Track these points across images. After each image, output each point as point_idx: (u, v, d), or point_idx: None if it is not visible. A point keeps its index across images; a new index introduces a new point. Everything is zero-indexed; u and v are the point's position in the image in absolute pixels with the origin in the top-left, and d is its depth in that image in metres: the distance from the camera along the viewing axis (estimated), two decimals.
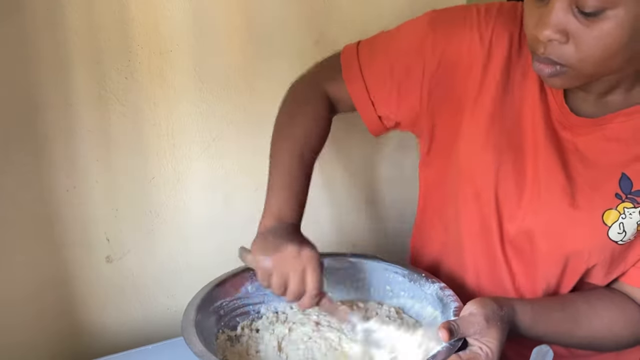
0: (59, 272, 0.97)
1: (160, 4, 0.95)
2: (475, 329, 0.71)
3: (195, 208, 1.06)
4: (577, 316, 0.79)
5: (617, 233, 0.75)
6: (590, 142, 0.76)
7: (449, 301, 0.80)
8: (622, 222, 0.75)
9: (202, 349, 0.70)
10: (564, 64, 0.66)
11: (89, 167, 0.96)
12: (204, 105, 1.02)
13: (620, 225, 0.75)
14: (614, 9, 0.61)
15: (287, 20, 1.06)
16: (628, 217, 0.74)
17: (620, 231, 0.75)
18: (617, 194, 0.75)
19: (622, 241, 0.76)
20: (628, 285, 0.80)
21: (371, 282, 0.91)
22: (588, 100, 0.76)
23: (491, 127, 0.80)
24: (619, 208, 0.75)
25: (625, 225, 0.75)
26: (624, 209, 0.74)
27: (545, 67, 0.68)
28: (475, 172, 0.81)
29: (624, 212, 0.75)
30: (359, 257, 0.93)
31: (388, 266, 0.90)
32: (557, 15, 0.63)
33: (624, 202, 0.75)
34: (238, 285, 0.88)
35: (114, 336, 1.04)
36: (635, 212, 0.74)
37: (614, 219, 0.75)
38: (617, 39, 0.63)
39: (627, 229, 0.75)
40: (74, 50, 0.91)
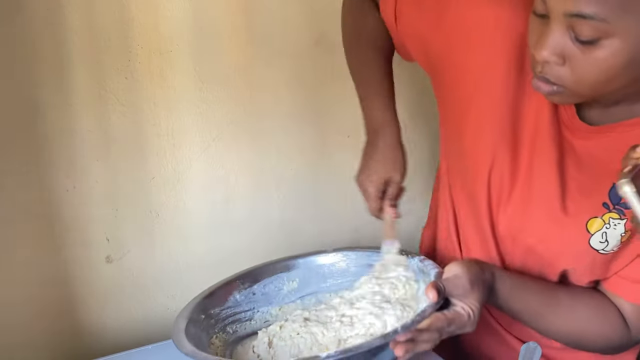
0: (59, 272, 0.97)
1: (160, 4, 0.95)
2: (460, 291, 0.73)
3: (195, 208, 1.06)
4: (556, 303, 0.79)
5: (599, 242, 0.75)
6: (588, 148, 0.76)
7: (429, 269, 0.81)
8: (605, 231, 0.74)
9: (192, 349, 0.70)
10: (560, 84, 0.67)
11: (89, 167, 0.96)
12: (204, 105, 1.02)
13: (603, 234, 0.74)
14: (608, 39, 0.61)
15: (287, 20, 1.06)
16: (612, 228, 0.74)
17: (603, 240, 0.75)
18: (605, 203, 0.74)
19: (604, 251, 0.75)
20: (608, 291, 0.79)
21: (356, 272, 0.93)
22: (594, 108, 0.76)
23: (494, 113, 0.79)
24: (604, 217, 0.74)
25: (608, 235, 0.74)
26: (610, 219, 0.74)
27: (543, 85, 0.68)
28: (478, 155, 0.81)
29: (609, 222, 0.74)
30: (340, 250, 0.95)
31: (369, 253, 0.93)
32: (554, 38, 0.64)
33: (611, 212, 0.74)
34: (227, 295, 0.88)
35: (114, 336, 1.04)
36: (620, 223, 0.73)
37: (597, 227, 0.74)
38: (612, 66, 0.63)
39: (609, 238, 0.74)
40: (74, 50, 0.91)
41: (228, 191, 1.08)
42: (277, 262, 0.94)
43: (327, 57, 1.11)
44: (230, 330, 0.86)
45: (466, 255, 0.89)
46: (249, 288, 0.90)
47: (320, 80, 1.11)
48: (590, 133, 0.75)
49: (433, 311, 0.70)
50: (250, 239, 1.12)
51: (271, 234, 1.14)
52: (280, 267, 0.93)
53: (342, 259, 0.95)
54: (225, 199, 1.08)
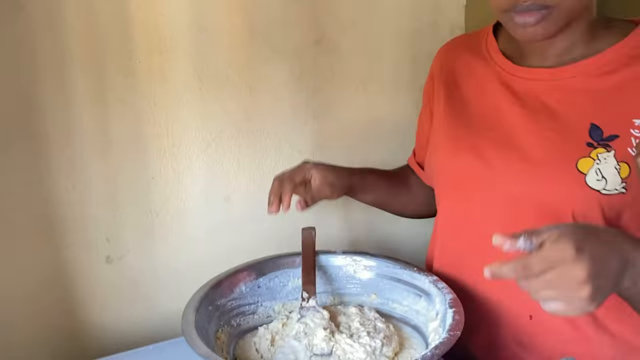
0: (59, 272, 0.97)
1: (160, 4, 0.95)
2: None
3: (195, 208, 1.06)
4: None
5: (596, 180, 0.76)
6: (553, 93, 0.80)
7: (443, 293, 0.82)
8: (598, 167, 0.76)
9: (206, 350, 0.70)
10: (549, 4, 0.73)
11: (89, 167, 0.96)
12: (204, 105, 1.02)
13: (597, 171, 0.76)
14: None
15: (287, 20, 1.06)
16: (603, 162, 0.76)
17: (599, 178, 0.76)
18: (589, 142, 0.77)
19: (606, 190, 0.76)
20: None
21: (361, 279, 0.94)
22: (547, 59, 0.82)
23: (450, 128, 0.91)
24: (592, 155, 0.76)
25: (603, 171, 0.75)
26: (598, 155, 0.76)
27: (530, 15, 0.74)
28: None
29: (598, 158, 0.76)
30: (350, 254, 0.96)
31: (380, 261, 0.93)
32: None
33: (597, 149, 0.76)
34: (233, 286, 0.88)
35: (114, 336, 1.03)
36: (609, 155, 0.75)
37: (589, 165, 0.76)
38: None
39: (605, 174, 0.75)
40: (74, 50, 0.91)
41: (228, 191, 1.08)
42: (284, 257, 0.94)
43: (327, 57, 1.11)
44: (234, 323, 0.87)
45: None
46: (254, 280, 0.90)
47: (320, 80, 1.11)
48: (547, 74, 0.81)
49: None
50: (250, 239, 1.12)
51: (271, 234, 1.14)
52: (286, 262, 0.93)
53: (350, 263, 0.94)
54: (225, 199, 1.08)
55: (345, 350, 0.78)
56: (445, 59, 0.98)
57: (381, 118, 1.20)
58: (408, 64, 1.20)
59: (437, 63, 0.99)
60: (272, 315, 0.91)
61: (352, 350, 0.78)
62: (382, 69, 1.18)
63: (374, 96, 1.18)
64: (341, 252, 0.96)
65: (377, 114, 1.19)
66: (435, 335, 0.79)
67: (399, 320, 0.90)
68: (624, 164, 0.75)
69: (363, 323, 0.85)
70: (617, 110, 0.76)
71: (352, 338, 0.81)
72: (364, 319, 0.86)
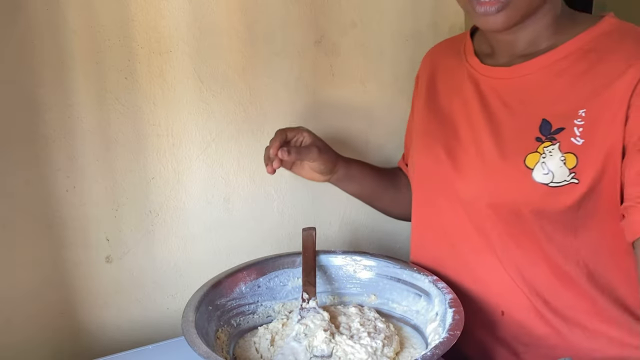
0: (58, 272, 0.97)
1: (160, 4, 0.95)
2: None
3: (195, 208, 1.06)
4: None
5: (543, 174, 0.77)
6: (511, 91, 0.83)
7: (443, 293, 0.83)
8: (543, 161, 0.77)
9: (206, 350, 0.70)
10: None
11: (89, 167, 0.96)
12: (204, 105, 1.02)
13: (542, 165, 0.77)
14: None
15: (287, 20, 1.06)
16: (549, 156, 0.77)
17: (545, 171, 0.77)
18: (537, 137, 0.79)
19: (554, 183, 0.77)
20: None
21: (361, 279, 0.95)
22: (513, 54, 0.85)
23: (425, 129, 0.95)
24: (539, 149, 0.78)
25: (548, 164, 0.77)
26: (544, 149, 0.78)
27: (491, 5, 0.77)
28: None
29: (544, 152, 0.77)
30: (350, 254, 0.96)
31: (380, 261, 0.94)
32: None
33: (544, 143, 0.78)
34: (233, 286, 0.88)
35: (114, 336, 1.04)
36: (554, 148, 0.77)
37: (535, 160, 0.78)
38: None
39: (550, 167, 0.77)
40: (74, 50, 0.91)
41: (228, 191, 1.08)
42: (284, 257, 0.94)
43: (327, 57, 1.11)
44: (234, 323, 0.87)
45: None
46: (254, 280, 0.91)
47: (320, 80, 1.12)
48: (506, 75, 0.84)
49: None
50: (250, 239, 1.12)
51: (271, 234, 1.14)
52: (286, 262, 0.94)
53: (350, 263, 0.95)
54: (225, 198, 1.08)
55: (346, 351, 0.78)
56: (428, 62, 1.02)
57: (381, 118, 1.20)
58: (408, 64, 1.20)
59: (422, 67, 1.03)
60: (272, 315, 0.91)
61: (353, 351, 0.78)
62: (382, 69, 1.18)
63: (373, 96, 1.18)
64: (341, 252, 0.96)
65: (377, 114, 1.19)
66: (435, 335, 0.79)
67: (399, 320, 0.90)
68: (570, 154, 0.76)
69: (363, 323, 0.85)
70: (566, 104, 0.78)
71: (352, 339, 0.80)
72: (364, 319, 0.86)
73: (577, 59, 0.79)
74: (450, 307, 0.78)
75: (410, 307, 0.89)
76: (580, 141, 0.76)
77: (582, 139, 0.76)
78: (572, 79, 0.78)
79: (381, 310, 0.91)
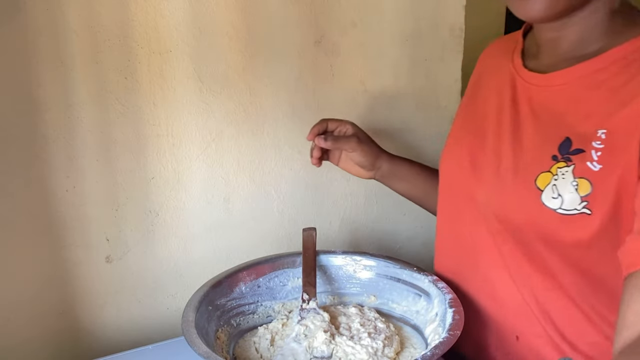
0: (58, 272, 0.97)
1: (160, 4, 0.95)
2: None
3: (195, 208, 1.06)
4: None
5: (552, 197, 0.70)
6: (543, 100, 0.76)
7: (443, 292, 0.83)
8: (554, 184, 0.70)
9: (206, 350, 0.71)
10: None
11: (89, 167, 0.96)
12: (204, 105, 1.02)
13: (553, 188, 0.70)
14: None
15: (287, 20, 1.06)
16: (561, 178, 0.70)
17: (555, 195, 0.70)
18: (554, 156, 0.71)
19: (563, 209, 0.69)
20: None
21: (361, 279, 0.95)
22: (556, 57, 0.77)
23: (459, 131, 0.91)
24: (552, 169, 0.71)
25: (559, 188, 0.69)
26: (557, 170, 0.70)
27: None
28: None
29: (557, 173, 0.70)
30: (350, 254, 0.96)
31: (380, 261, 0.94)
32: None
33: (558, 163, 0.71)
34: (233, 286, 0.89)
35: (114, 336, 1.04)
36: (568, 171, 0.69)
37: (546, 181, 0.71)
38: None
39: (561, 191, 0.69)
40: (74, 50, 0.91)
41: (228, 191, 1.08)
42: (284, 257, 0.94)
43: (327, 57, 1.11)
44: (234, 323, 0.87)
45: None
46: (254, 280, 0.91)
47: (320, 80, 1.12)
48: (541, 82, 0.77)
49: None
50: (250, 239, 1.12)
51: (271, 234, 1.14)
52: (286, 262, 0.94)
53: (350, 263, 0.95)
54: (225, 198, 1.08)
55: (347, 352, 0.78)
56: (481, 61, 0.95)
57: (380, 118, 1.20)
58: (408, 64, 1.20)
59: (475, 67, 0.96)
60: (272, 315, 0.91)
61: (354, 352, 0.78)
62: (382, 69, 1.18)
63: (373, 96, 1.18)
64: (341, 252, 0.96)
65: (376, 114, 1.20)
66: (435, 335, 0.79)
67: (399, 320, 0.90)
68: (584, 180, 0.68)
69: (363, 324, 0.85)
70: (591, 122, 0.70)
71: (352, 339, 0.80)
72: (364, 319, 0.86)
73: (618, 71, 0.69)
74: (450, 307, 0.78)
75: (410, 307, 0.89)
76: (598, 167, 0.67)
77: (599, 164, 0.67)
78: (607, 94, 0.69)
79: (381, 310, 0.91)
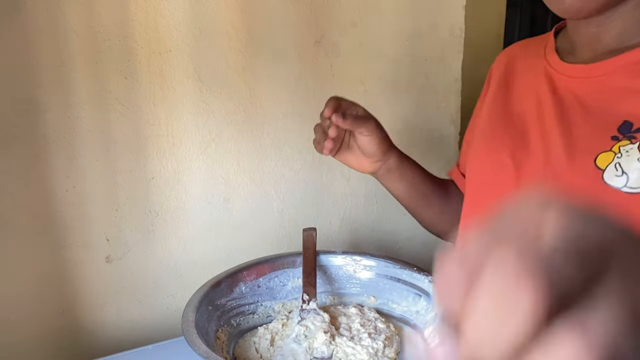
0: (58, 272, 0.97)
1: (160, 4, 0.95)
2: None
3: (195, 208, 1.06)
4: None
5: (615, 176, 0.65)
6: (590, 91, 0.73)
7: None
8: (617, 161, 0.66)
9: (206, 350, 0.71)
10: None
11: (89, 167, 0.96)
12: (204, 105, 1.02)
13: (616, 165, 0.66)
14: None
15: (287, 20, 1.06)
16: (625, 155, 0.66)
17: (619, 173, 0.65)
18: (614, 136, 0.67)
19: (627, 188, 0.65)
20: None
21: (361, 279, 0.95)
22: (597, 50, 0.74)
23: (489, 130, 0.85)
24: (614, 148, 0.67)
25: (623, 165, 0.65)
26: (620, 148, 0.66)
27: None
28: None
29: (620, 152, 0.66)
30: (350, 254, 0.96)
31: (380, 261, 0.94)
32: None
33: (621, 141, 0.66)
34: (233, 286, 0.89)
35: (114, 336, 1.04)
36: (633, 147, 0.65)
37: (608, 160, 0.67)
38: None
39: (626, 169, 0.65)
40: (74, 51, 0.91)
41: (228, 191, 1.08)
42: (284, 257, 0.94)
43: (327, 57, 1.11)
44: (234, 323, 0.87)
45: None
46: (254, 280, 0.91)
47: (320, 80, 1.12)
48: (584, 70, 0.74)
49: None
50: (250, 239, 1.12)
51: (271, 234, 1.14)
52: (286, 262, 0.94)
53: (350, 263, 0.95)
54: (225, 199, 1.08)
55: (347, 353, 0.78)
56: (503, 61, 0.92)
57: (380, 118, 1.20)
58: (408, 64, 1.20)
59: (494, 66, 0.93)
60: (272, 315, 0.91)
61: (354, 352, 0.78)
62: (382, 69, 1.18)
63: (373, 96, 1.18)
64: (341, 252, 0.96)
65: (376, 114, 1.19)
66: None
67: (399, 320, 0.90)
68: None
69: (364, 324, 0.85)
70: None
71: (353, 340, 0.80)
72: (364, 319, 0.86)
73: None
74: None
75: (410, 307, 0.89)
76: None
77: None
78: None
79: (381, 311, 0.91)
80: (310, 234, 0.95)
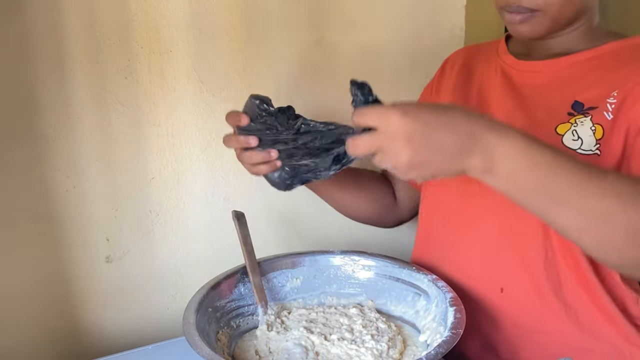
0: (58, 272, 0.97)
1: (160, 4, 0.95)
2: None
3: (195, 208, 1.06)
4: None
5: (572, 140, 0.80)
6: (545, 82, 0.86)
7: (443, 292, 0.83)
8: (574, 129, 0.80)
9: (209, 352, 0.70)
10: (534, 8, 0.80)
11: (89, 167, 0.96)
12: (204, 105, 1.02)
13: (573, 132, 0.80)
14: None
15: (287, 20, 1.06)
16: (580, 125, 0.80)
17: (575, 138, 0.80)
18: (570, 112, 0.82)
19: (582, 150, 0.79)
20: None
21: (360, 279, 0.94)
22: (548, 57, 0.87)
23: None
24: (570, 120, 0.81)
25: (579, 132, 0.80)
26: (576, 120, 0.81)
27: (517, 15, 0.82)
28: None
29: (576, 122, 0.81)
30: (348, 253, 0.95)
31: (378, 261, 0.93)
32: None
33: (577, 115, 0.81)
34: (232, 287, 0.88)
35: (114, 336, 1.04)
36: (586, 119, 0.80)
37: (566, 128, 0.81)
38: None
39: (581, 135, 0.79)
40: (74, 51, 0.91)
41: (228, 191, 1.08)
42: (283, 257, 0.94)
43: (327, 57, 1.11)
44: (234, 324, 0.87)
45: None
46: None
47: (321, 80, 1.11)
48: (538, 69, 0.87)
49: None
50: None
51: (271, 234, 1.14)
52: (285, 263, 0.94)
53: (348, 263, 0.95)
54: (225, 198, 1.08)
55: (351, 355, 0.78)
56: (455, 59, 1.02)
57: None
58: (408, 64, 1.20)
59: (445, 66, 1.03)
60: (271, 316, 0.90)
61: (358, 354, 0.78)
62: (382, 69, 1.18)
63: None
64: (339, 252, 0.96)
65: None
66: (436, 334, 0.79)
67: (399, 319, 0.90)
68: (599, 126, 0.79)
69: (365, 325, 0.84)
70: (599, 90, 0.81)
71: (356, 343, 0.80)
72: (366, 320, 0.86)
73: (611, 58, 0.82)
74: (451, 306, 0.78)
75: (409, 306, 0.89)
76: (610, 117, 0.78)
77: (612, 115, 0.78)
78: (605, 73, 0.81)
79: (380, 310, 0.91)
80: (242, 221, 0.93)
